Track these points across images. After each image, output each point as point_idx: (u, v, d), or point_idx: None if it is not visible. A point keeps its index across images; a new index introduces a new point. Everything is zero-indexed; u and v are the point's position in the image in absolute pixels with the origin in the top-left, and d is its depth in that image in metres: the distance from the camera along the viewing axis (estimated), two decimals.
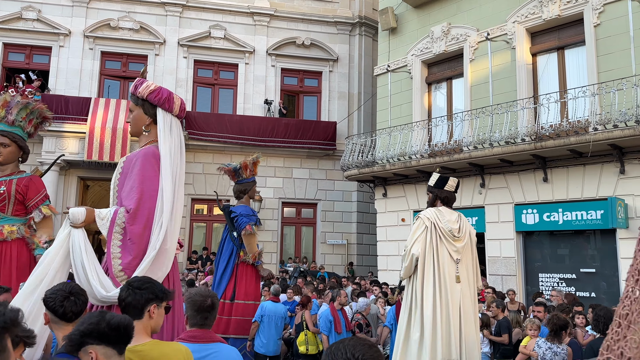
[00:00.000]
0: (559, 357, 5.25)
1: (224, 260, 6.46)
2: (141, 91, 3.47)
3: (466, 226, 5.02)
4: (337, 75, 18.06)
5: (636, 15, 10.08)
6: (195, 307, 2.84)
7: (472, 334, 4.80)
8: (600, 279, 10.42)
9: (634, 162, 9.89)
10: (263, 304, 7.11)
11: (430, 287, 4.75)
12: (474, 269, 5.00)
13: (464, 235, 4.91)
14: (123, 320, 2.01)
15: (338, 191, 17.47)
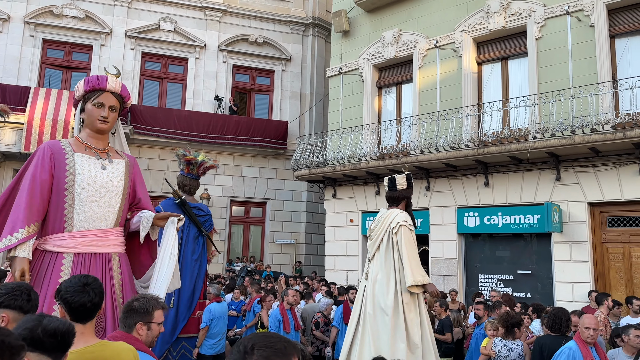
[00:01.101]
0: (514, 352, 5.51)
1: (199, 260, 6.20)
2: (126, 95, 3.69)
3: (384, 223, 4.93)
4: (290, 75, 18.05)
5: (574, 30, 10.69)
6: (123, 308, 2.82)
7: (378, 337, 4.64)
8: (535, 280, 10.97)
9: (569, 170, 10.48)
10: (210, 307, 7.00)
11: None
12: (393, 266, 4.82)
13: (374, 234, 4.99)
14: (61, 326, 1.89)
15: (288, 191, 17.47)
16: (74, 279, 2.43)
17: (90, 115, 3.64)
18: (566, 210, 10.38)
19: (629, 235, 9.90)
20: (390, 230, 4.85)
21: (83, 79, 3.72)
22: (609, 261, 10.07)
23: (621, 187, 9.82)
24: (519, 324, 5.69)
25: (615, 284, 9.93)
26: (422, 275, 4.72)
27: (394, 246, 4.81)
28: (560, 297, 10.19)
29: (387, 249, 4.84)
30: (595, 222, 10.26)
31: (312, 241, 17.43)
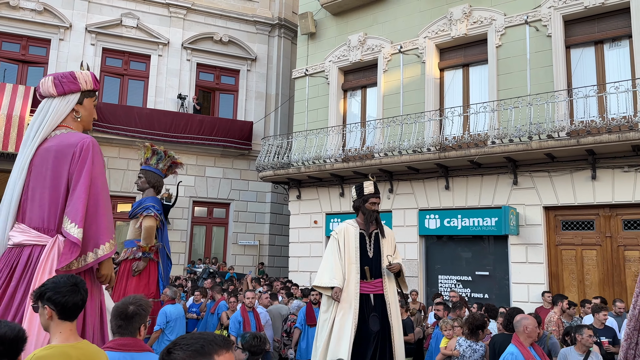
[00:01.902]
0: (477, 353, 5.67)
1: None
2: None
3: None
4: (255, 75, 17.96)
5: (533, 39, 11.07)
6: (117, 314, 2.78)
7: None
8: (493, 281, 11.29)
9: (526, 175, 10.84)
10: (164, 309, 6.87)
11: None
12: None
13: None
14: (9, 332, 1.83)
15: (252, 191, 17.37)
16: (61, 279, 2.44)
17: (90, 114, 3.61)
18: (522, 213, 10.73)
19: (581, 238, 10.33)
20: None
21: (88, 74, 3.58)
22: (562, 263, 10.48)
23: (574, 191, 10.23)
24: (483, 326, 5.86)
25: (568, 285, 10.34)
26: (325, 279, 5.22)
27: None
28: (516, 297, 10.52)
29: None
30: (549, 225, 10.66)
31: (275, 242, 17.39)
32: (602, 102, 9.96)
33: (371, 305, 5.19)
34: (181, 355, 1.32)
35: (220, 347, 1.36)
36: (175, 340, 1.38)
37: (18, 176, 3.25)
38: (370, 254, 5.36)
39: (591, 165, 9.98)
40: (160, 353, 1.37)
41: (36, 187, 3.22)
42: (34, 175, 3.25)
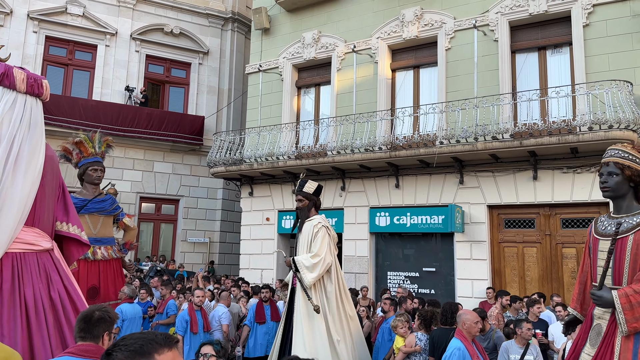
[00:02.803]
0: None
1: None
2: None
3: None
4: (207, 69, 17.64)
5: (480, 43, 11.45)
6: (81, 318, 2.70)
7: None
8: (439, 277, 11.63)
9: (471, 174, 11.22)
10: (120, 307, 6.65)
11: (335, 290, 5.34)
12: None
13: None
14: None
15: (202, 188, 17.07)
16: None
17: None
18: (468, 211, 11.10)
19: (522, 236, 10.80)
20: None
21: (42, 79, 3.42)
22: (504, 260, 10.92)
23: (517, 191, 10.68)
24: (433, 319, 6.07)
25: (509, 281, 10.79)
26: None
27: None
28: (461, 293, 10.88)
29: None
30: (493, 223, 11.08)
31: (226, 240, 17.17)
32: (544, 106, 10.43)
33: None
34: (119, 356, 1.29)
35: (161, 346, 1.33)
36: (116, 342, 1.35)
37: (36, 178, 3.20)
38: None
39: (533, 166, 10.44)
40: (101, 355, 1.34)
41: (45, 194, 3.32)
42: (46, 181, 3.31)
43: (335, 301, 5.53)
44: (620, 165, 3.12)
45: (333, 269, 5.60)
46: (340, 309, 5.58)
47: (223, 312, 8.04)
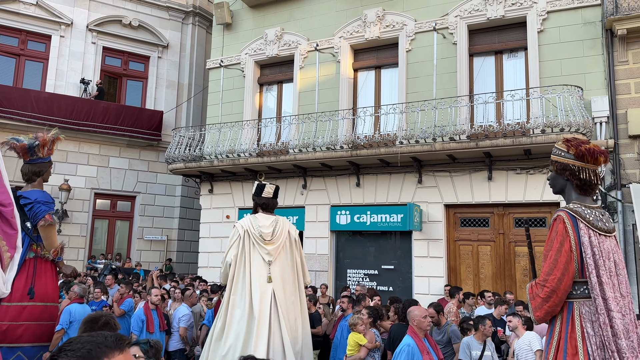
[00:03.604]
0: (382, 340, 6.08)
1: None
2: None
3: (283, 228, 5.42)
4: (167, 63, 17.27)
5: (440, 46, 11.70)
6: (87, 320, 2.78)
7: (295, 328, 5.18)
8: (397, 275, 11.83)
9: (429, 174, 11.46)
10: (69, 308, 6.39)
11: (238, 291, 5.09)
12: (294, 267, 5.39)
13: (277, 238, 5.30)
14: None
15: (160, 184, 16.71)
16: None
17: None
18: (426, 210, 11.34)
19: (477, 235, 11.13)
20: (291, 237, 5.47)
21: None
22: (460, 257, 11.22)
23: (472, 191, 10.99)
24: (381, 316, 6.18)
25: (464, 278, 11.09)
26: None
27: (296, 251, 5.45)
28: (418, 290, 11.11)
29: (292, 254, 5.40)
30: (449, 222, 11.36)
31: (185, 237, 16.89)
32: (499, 109, 10.76)
33: None
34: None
35: (111, 349, 1.26)
36: (61, 345, 1.26)
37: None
38: None
39: (488, 167, 10.76)
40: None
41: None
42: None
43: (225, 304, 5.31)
44: (551, 161, 3.29)
45: (233, 268, 5.28)
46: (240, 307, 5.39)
47: (184, 313, 7.91)
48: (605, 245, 2.96)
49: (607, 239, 2.99)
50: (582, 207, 3.02)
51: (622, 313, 2.84)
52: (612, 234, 3.04)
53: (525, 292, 9.99)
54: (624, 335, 2.77)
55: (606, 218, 3.05)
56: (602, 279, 2.88)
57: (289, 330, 5.05)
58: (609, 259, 2.94)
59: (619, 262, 2.97)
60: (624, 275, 2.95)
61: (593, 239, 2.94)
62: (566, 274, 2.91)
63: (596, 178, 3.09)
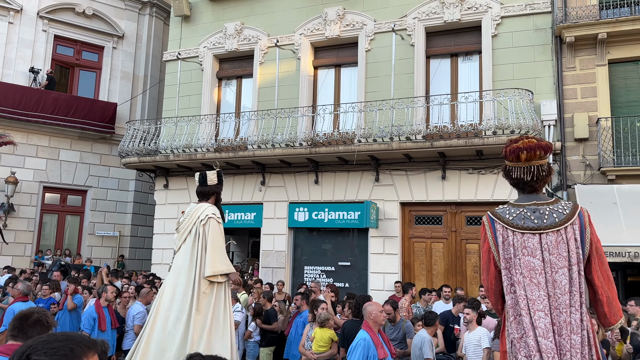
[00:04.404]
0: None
1: None
2: None
3: (193, 215, 5.03)
4: (122, 54, 16.78)
5: (398, 47, 11.90)
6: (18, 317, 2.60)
7: (171, 325, 4.65)
8: (353, 271, 11.98)
9: (386, 172, 11.66)
10: (13, 307, 6.17)
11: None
12: (193, 256, 4.87)
13: (182, 226, 5.03)
14: None
15: (113, 179, 16.25)
16: None
17: None
18: (382, 208, 11.54)
19: (430, 232, 11.41)
20: (199, 222, 4.92)
21: None
22: (414, 254, 11.48)
23: (427, 189, 11.26)
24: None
25: (418, 275, 11.36)
26: (226, 264, 4.85)
27: (200, 238, 4.87)
28: (373, 286, 11.29)
29: (194, 241, 4.88)
30: (405, 220, 11.60)
31: (138, 233, 16.49)
32: (454, 110, 11.07)
33: None
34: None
35: (89, 349, 1.23)
36: (32, 344, 1.19)
37: None
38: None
39: (442, 167, 11.05)
40: (13, 357, 1.19)
41: None
42: None
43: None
44: None
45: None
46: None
47: (139, 311, 7.75)
48: (528, 243, 2.87)
49: (535, 237, 2.87)
50: (508, 207, 3.00)
51: (545, 312, 2.75)
52: (547, 231, 2.88)
53: (475, 288, 10.35)
54: (543, 335, 2.72)
55: (543, 215, 2.90)
56: (516, 277, 2.84)
57: (161, 328, 4.63)
58: (534, 257, 2.84)
59: (558, 260, 2.83)
60: (562, 273, 2.81)
61: (511, 238, 2.89)
62: (489, 273, 3.00)
63: (530, 174, 2.97)
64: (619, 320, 2.91)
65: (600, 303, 2.89)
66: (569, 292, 2.79)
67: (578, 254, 2.82)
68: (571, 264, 2.82)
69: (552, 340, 2.72)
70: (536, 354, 2.73)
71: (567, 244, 2.84)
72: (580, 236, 2.87)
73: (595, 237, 2.92)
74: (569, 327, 2.75)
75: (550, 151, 3.05)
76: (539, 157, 2.99)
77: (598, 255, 2.90)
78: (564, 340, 2.74)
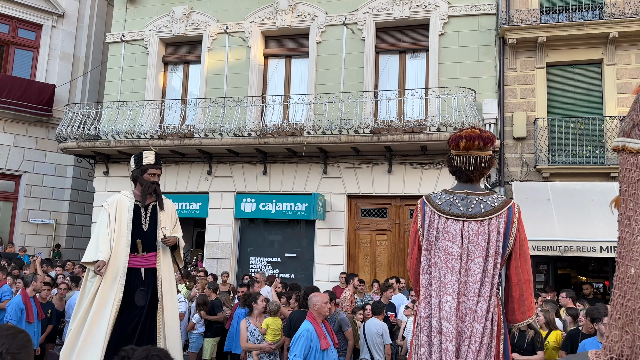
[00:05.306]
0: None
1: None
2: None
3: None
4: (62, 33, 15.93)
5: (349, 41, 11.97)
6: None
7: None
8: (299, 262, 12.04)
9: (334, 165, 11.75)
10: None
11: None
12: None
13: None
14: None
15: (50, 164, 15.47)
16: None
17: None
18: (329, 200, 11.64)
19: (375, 225, 11.63)
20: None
21: None
22: (359, 246, 11.68)
23: (373, 183, 11.45)
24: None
25: (362, 266, 11.57)
26: (90, 254, 4.95)
27: None
28: (318, 277, 11.40)
29: None
30: (351, 212, 11.76)
31: (76, 222, 15.81)
32: (401, 106, 11.29)
33: (141, 280, 4.95)
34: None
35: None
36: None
37: None
38: (145, 226, 5.09)
39: (388, 161, 11.27)
40: None
41: None
42: None
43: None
44: None
45: None
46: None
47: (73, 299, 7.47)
48: (451, 229, 2.91)
49: (458, 223, 2.91)
50: (442, 193, 3.06)
51: (452, 297, 2.80)
52: (470, 219, 2.90)
53: None
54: (447, 319, 2.77)
55: (470, 203, 2.94)
56: (434, 260, 2.91)
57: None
58: (453, 242, 2.89)
59: (475, 249, 2.87)
60: (477, 262, 2.83)
61: (436, 222, 2.95)
62: (412, 254, 3.11)
63: (468, 164, 3.01)
64: (526, 319, 2.93)
65: (511, 299, 2.92)
66: (480, 282, 2.82)
67: (497, 247, 2.84)
68: (488, 255, 2.85)
69: (454, 325, 2.77)
70: (437, 335, 2.79)
71: (488, 235, 2.86)
72: (505, 230, 2.88)
73: (523, 235, 2.93)
74: (473, 315, 2.78)
75: (492, 143, 3.06)
76: (477, 148, 3.01)
77: (521, 252, 2.91)
78: (466, 327, 2.78)
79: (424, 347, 2.83)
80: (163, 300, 4.95)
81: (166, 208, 5.24)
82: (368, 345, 6.27)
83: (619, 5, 10.66)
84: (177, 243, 5.15)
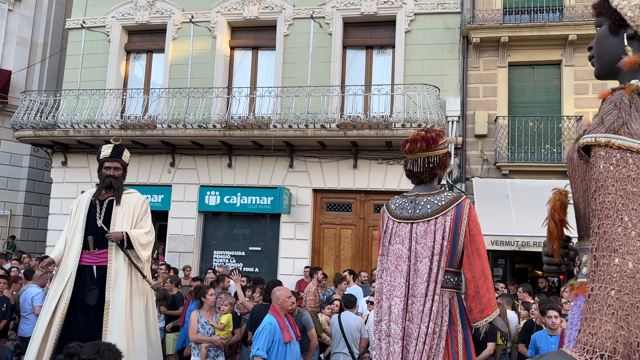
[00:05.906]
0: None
1: None
2: None
3: None
4: (19, 17, 15.28)
5: (316, 35, 11.95)
6: None
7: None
8: (264, 256, 12.00)
9: (300, 159, 11.74)
10: None
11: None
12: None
13: None
14: None
15: (4, 153, 14.86)
16: None
17: None
18: (295, 194, 11.63)
19: (340, 219, 11.71)
20: None
21: None
22: (324, 240, 11.73)
23: (339, 177, 11.51)
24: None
25: (327, 260, 11.63)
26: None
27: None
28: (283, 271, 11.40)
29: None
30: (316, 206, 11.79)
31: (32, 213, 15.27)
32: (367, 101, 11.36)
33: (93, 278, 4.79)
34: None
35: None
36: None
37: None
38: (99, 222, 4.92)
39: (354, 156, 11.35)
40: None
41: None
42: None
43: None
44: None
45: None
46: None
47: (37, 292, 7.24)
48: (401, 232, 2.96)
49: (407, 226, 2.95)
50: (398, 198, 3.14)
51: (400, 299, 2.84)
52: (417, 221, 2.94)
53: None
54: (394, 321, 2.82)
55: (418, 205, 2.99)
56: (386, 264, 2.98)
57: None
58: (403, 245, 2.94)
59: (423, 250, 2.88)
60: (424, 263, 2.86)
61: (390, 227, 3.04)
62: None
63: (416, 166, 3.09)
64: (485, 318, 2.83)
65: (467, 296, 2.90)
66: (426, 282, 2.84)
67: (442, 245, 2.86)
68: (434, 254, 2.86)
69: (402, 326, 2.81)
70: (385, 338, 2.86)
71: (434, 234, 2.89)
72: (454, 227, 2.89)
73: (474, 230, 2.90)
74: (420, 315, 2.80)
75: (436, 144, 3.09)
76: (420, 149, 3.08)
77: (474, 248, 2.87)
78: (414, 327, 2.80)
79: (375, 351, 2.94)
80: (112, 301, 4.72)
81: (127, 203, 5.06)
82: (347, 340, 6.21)
83: (578, 8, 11.02)
84: (129, 239, 4.88)
